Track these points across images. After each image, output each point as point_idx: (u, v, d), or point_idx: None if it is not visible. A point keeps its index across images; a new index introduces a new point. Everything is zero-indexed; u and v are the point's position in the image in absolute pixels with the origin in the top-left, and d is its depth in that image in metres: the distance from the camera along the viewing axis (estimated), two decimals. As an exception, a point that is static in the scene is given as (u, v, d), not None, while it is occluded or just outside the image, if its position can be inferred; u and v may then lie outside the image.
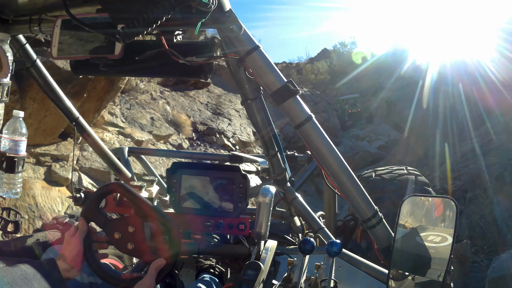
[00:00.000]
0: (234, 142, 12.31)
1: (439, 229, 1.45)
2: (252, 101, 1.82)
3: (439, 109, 14.70)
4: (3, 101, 1.66)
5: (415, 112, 16.17)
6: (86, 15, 1.33)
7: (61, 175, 6.19)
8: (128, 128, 8.85)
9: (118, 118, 8.93)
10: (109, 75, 7.43)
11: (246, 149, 12.35)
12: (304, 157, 2.90)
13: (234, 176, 1.73)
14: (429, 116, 14.74)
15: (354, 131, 19.43)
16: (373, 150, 16.27)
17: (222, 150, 11.31)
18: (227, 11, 1.26)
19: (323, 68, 31.75)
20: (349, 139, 18.27)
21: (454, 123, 12.63)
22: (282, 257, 1.65)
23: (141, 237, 1.26)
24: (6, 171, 1.69)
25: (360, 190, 1.48)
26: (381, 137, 17.87)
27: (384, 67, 23.80)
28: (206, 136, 11.94)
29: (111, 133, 8.18)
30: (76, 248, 1.26)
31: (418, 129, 14.61)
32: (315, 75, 31.05)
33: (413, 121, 15.71)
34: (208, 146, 11.51)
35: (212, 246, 1.70)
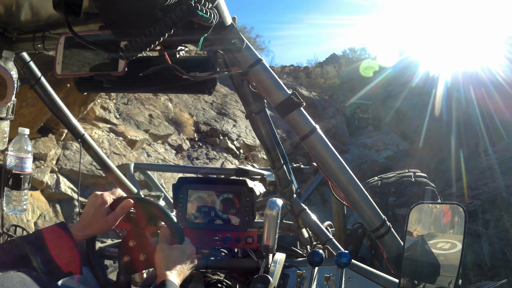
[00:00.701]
0: (238, 145, 11.85)
1: (448, 236, 1.44)
2: (256, 114, 1.82)
3: (452, 120, 14.35)
4: (8, 118, 1.67)
5: (427, 123, 15.91)
6: (89, 33, 1.33)
7: (35, 177, 5.44)
8: (121, 125, 8.09)
9: (112, 114, 8.19)
10: (113, 92, 7.42)
11: (250, 153, 12.01)
12: (310, 169, 2.89)
13: (240, 190, 1.73)
14: (441, 127, 14.44)
15: (362, 139, 19.32)
16: (381, 160, 16.21)
17: (225, 154, 10.99)
18: (228, 25, 1.26)
19: (332, 72, 31.75)
20: (357, 147, 18.17)
21: (469, 135, 12.14)
22: (291, 269, 1.64)
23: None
24: (12, 188, 1.70)
25: (367, 200, 1.47)
26: (389, 146, 17.77)
27: (394, 76, 23.70)
28: (209, 137, 11.47)
29: (101, 130, 7.43)
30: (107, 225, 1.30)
31: (429, 140, 14.32)
32: (324, 80, 31.07)
33: (425, 132, 15.44)
34: (211, 148, 11.04)
35: (220, 260, 1.69)
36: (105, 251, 1.69)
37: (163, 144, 9.49)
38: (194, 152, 10.38)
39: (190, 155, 10.15)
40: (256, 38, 32.91)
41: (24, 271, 1.03)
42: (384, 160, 16.18)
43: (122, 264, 1.32)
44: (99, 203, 1.31)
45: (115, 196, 1.36)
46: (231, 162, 10.83)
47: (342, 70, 32.38)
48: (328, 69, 32.40)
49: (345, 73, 31.31)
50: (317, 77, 31.39)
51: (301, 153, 12.92)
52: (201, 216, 1.75)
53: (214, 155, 10.61)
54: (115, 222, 1.31)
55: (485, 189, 6.95)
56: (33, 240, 1.21)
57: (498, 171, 7.59)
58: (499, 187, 6.79)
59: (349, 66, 32.53)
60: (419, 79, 20.67)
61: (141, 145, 8.21)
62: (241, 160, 11.39)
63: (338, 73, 31.82)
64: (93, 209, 1.30)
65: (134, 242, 1.31)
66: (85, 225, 1.30)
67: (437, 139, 13.83)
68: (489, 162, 8.64)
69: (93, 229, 1.30)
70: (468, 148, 11.09)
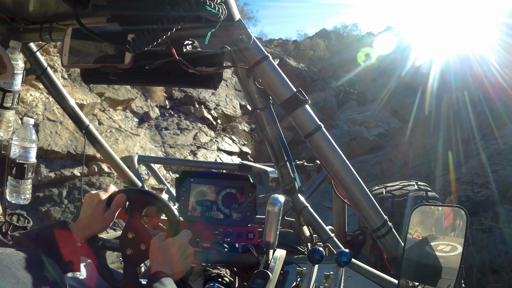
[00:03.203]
0: (216, 115, 10.88)
1: (449, 239, 1.44)
2: (261, 110, 1.82)
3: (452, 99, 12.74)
4: (13, 108, 1.68)
5: (420, 102, 14.54)
6: (97, 25, 1.34)
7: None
8: (68, 86, 6.98)
9: (58, 73, 7.00)
10: (119, 84, 7.22)
11: (230, 125, 11.18)
12: (314, 166, 2.89)
13: (243, 185, 1.73)
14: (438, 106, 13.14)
15: (352, 115, 18.62)
16: (371, 137, 15.42)
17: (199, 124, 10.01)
18: (236, 21, 1.26)
19: (322, 45, 30.20)
20: (346, 122, 17.43)
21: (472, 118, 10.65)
22: (290, 266, 1.64)
23: None
24: (16, 177, 1.71)
25: (370, 199, 1.47)
26: (380, 124, 17.04)
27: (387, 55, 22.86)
28: (183, 105, 10.41)
29: (40, 91, 6.11)
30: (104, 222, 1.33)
31: (424, 119, 13.20)
32: (313, 51, 29.41)
33: (419, 110, 14.19)
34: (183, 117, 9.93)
35: (221, 254, 1.70)
36: (106, 243, 1.69)
37: (123, 111, 8.33)
38: (163, 122, 9.36)
39: (159, 124, 9.19)
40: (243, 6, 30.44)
41: (25, 250, 1.03)
42: (374, 138, 15.45)
43: (126, 258, 1.34)
44: (95, 203, 1.34)
45: (109, 192, 1.38)
46: (205, 133, 9.94)
47: (332, 45, 30.85)
48: (317, 41, 30.80)
49: (335, 48, 30.03)
50: (306, 49, 29.68)
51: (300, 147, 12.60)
52: (203, 210, 1.75)
53: (187, 125, 9.66)
54: (113, 219, 1.35)
55: (494, 176, 6.23)
56: (34, 237, 1.22)
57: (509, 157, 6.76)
58: (510, 175, 6.11)
59: (339, 41, 31.38)
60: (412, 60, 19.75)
61: (91, 111, 7.05)
62: (218, 132, 10.53)
63: (328, 48, 30.38)
64: (90, 209, 1.33)
65: (133, 233, 1.34)
66: (84, 226, 1.32)
67: (432, 118, 12.79)
68: (496, 147, 7.68)
69: (93, 229, 1.33)
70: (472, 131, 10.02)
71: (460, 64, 14.10)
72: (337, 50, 29.61)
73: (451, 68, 14.41)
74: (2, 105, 1.62)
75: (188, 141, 9.23)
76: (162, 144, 8.59)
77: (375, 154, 13.99)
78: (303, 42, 31.50)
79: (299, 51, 28.90)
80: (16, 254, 0.99)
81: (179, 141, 9.02)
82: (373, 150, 14.37)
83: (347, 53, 26.30)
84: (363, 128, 16.49)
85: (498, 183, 5.96)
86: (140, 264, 1.36)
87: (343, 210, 2.65)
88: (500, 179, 6.05)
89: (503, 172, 6.27)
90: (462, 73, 13.25)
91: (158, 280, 1.13)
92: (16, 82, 1.64)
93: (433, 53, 16.68)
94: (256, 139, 11.71)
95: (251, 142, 11.48)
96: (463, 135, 9.87)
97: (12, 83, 1.62)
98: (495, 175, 6.24)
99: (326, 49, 30.02)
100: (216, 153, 9.46)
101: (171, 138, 8.97)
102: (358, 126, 16.76)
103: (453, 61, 14.75)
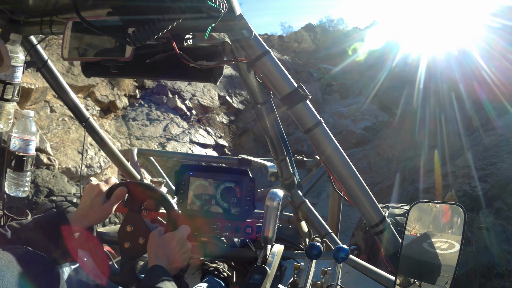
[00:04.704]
0: (191, 105, 10.48)
1: (446, 236, 1.44)
2: (262, 105, 1.83)
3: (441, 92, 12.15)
4: (14, 100, 1.68)
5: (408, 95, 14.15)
6: (97, 18, 1.33)
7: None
8: None
9: None
10: (119, 77, 7.06)
11: (206, 116, 10.85)
12: (313, 162, 2.90)
13: (242, 179, 1.74)
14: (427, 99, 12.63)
15: (338, 108, 18.36)
16: (358, 130, 15.23)
17: (171, 114, 9.60)
18: (237, 15, 1.26)
19: (307, 38, 29.70)
20: (332, 115, 17.18)
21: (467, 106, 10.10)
22: (288, 261, 1.65)
23: None
24: (15, 169, 1.71)
25: (368, 195, 1.47)
26: (367, 117, 16.81)
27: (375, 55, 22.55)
28: (155, 95, 9.96)
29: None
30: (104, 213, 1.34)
31: (412, 112, 12.87)
32: (298, 44, 28.84)
33: (407, 103, 13.88)
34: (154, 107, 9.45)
35: (219, 249, 1.70)
36: (104, 236, 1.70)
37: (84, 99, 7.88)
38: (132, 112, 8.95)
39: (126, 115, 8.79)
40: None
41: (23, 248, 1.03)
42: (361, 131, 15.31)
43: (124, 251, 1.34)
44: (95, 193, 1.35)
45: (110, 184, 1.39)
46: (177, 124, 9.52)
47: (317, 39, 30.33)
48: (303, 33, 30.32)
49: (321, 42, 29.56)
50: (291, 41, 29.17)
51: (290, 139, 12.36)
52: (201, 203, 1.76)
53: (158, 116, 9.32)
54: (111, 210, 1.35)
55: (493, 169, 5.88)
56: (31, 226, 1.23)
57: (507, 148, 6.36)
58: (510, 168, 5.77)
59: (325, 35, 30.95)
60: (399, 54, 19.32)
61: (42, 97, 6.52)
62: (192, 123, 10.15)
63: (314, 42, 29.87)
64: (89, 199, 1.34)
65: (132, 227, 1.34)
66: (83, 215, 1.33)
67: (419, 111, 12.34)
68: (491, 138, 7.28)
69: (91, 219, 1.34)
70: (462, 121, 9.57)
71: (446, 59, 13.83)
72: (323, 44, 29.18)
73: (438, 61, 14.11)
74: (2, 97, 1.62)
75: (158, 133, 8.84)
76: (128, 135, 8.26)
77: (362, 148, 13.87)
78: (288, 36, 31.04)
79: (283, 43, 28.37)
80: (15, 251, 0.99)
81: (147, 132, 8.63)
82: (359, 144, 14.22)
83: (333, 47, 25.96)
84: (349, 122, 16.30)
85: (497, 176, 5.67)
86: (138, 258, 1.36)
87: (339, 206, 2.67)
88: (499, 172, 5.77)
89: (502, 164, 5.98)
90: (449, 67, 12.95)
91: (155, 273, 1.14)
92: (17, 74, 1.64)
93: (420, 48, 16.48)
94: (234, 131, 11.32)
95: (228, 134, 11.14)
96: (453, 128, 9.53)
97: (13, 75, 1.62)
98: (493, 168, 5.95)
99: (311, 43, 29.54)
100: (188, 145, 9.12)
101: (139, 130, 8.60)
102: (344, 119, 16.56)
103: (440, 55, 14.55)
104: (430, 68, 14.10)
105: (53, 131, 6.42)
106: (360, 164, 11.81)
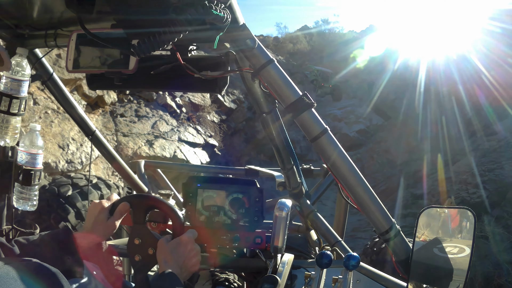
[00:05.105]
0: (181, 103, 10.28)
1: (456, 240, 1.43)
2: (267, 114, 1.82)
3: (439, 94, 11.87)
4: (20, 114, 1.68)
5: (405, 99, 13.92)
6: (101, 30, 1.34)
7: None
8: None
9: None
10: (124, 89, 6.98)
11: (196, 114, 10.69)
12: (320, 170, 2.89)
13: (250, 189, 1.73)
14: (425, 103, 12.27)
15: (332, 110, 18.13)
16: (351, 133, 15.12)
17: (160, 112, 9.40)
18: (241, 25, 1.26)
19: (303, 40, 29.45)
20: (325, 118, 16.89)
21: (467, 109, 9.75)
22: (299, 270, 1.63)
23: None
24: (23, 183, 1.71)
25: (377, 202, 1.46)
26: (361, 120, 16.66)
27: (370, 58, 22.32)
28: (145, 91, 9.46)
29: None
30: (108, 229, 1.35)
31: (409, 116, 12.62)
32: (293, 44, 28.56)
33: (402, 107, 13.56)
34: (143, 104, 9.20)
35: (228, 259, 1.69)
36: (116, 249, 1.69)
37: (71, 93, 7.01)
38: (120, 108, 8.68)
39: (115, 110, 8.48)
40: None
41: (32, 260, 1.03)
42: (355, 134, 15.17)
43: (135, 264, 1.35)
44: (98, 211, 1.37)
45: (112, 201, 1.42)
46: (166, 122, 9.26)
47: (313, 41, 30.09)
48: (298, 35, 30.25)
49: (316, 44, 29.23)
50: (286, 42, 28.94)
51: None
52: (210, 215, 1.75)
53: (146, 113, 9.07)
54: (116, 226, 1.37)
55: (491, 176, 5.62)
56: (38, 243, 1.23)
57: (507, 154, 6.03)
58: (509, 175, 5.52)
59: (321, 37, 30.75)
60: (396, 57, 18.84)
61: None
62: (182, 121, 9.91)
63: (309, 44, 29.61)
64: (93, 217, 1.37)
65: (140, 239, 1.35)
66: (88, 233, 1.34)
67: (416, 115, 12.00)
68: (491, 143, 7.02)
69: (96, 236, 1.34)
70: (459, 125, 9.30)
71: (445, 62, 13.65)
72: (318, 46, 28.96)
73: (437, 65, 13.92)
74: (9, 111, 1.62)
75: (146, 130, 8.67)
76: (115, 131, 8.06)
77: (356, 151, 13.76)
78: (284, 37, 30.96)
79: (278, 44, 28.17)
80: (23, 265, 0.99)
81: (135, 129, 8.45)
82: (353, 147, 14.09)
83: (329, 50, 25.88)
84: (343, 124, 16.15)
85: (496, 183, 5.47)
86: (150, 269, 1.36)
87: (345, 213, 2.66)
88: (498, 178, 5.58)
89: (501, 171, 5.75)
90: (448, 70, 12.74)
91: (165, 279, 1.15)
92: (23, 88, 1.64)
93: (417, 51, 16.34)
94: (225, 131, 11.11)
95: (219, 134, 10.97)
96: (452, 132, 9.30)
97: (19, 89, 1.63)
98: (491, 174, 5.72)
99: (307, 44, 29.36)
100: (177, 144, 8.94)
101: (126, 126, 8.39)
102: (338, 122, 16.40)
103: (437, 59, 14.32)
104: (429, 72, 13.96)
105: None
106: (354, 168, 11.52)
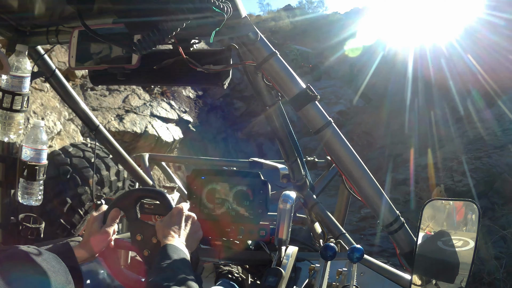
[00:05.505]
0: None
1: (460, 233, 1.42)
2: (270, 107, 1.82)
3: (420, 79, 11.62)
4: (23, 110, 1.69)
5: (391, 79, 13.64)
6: (103, 26, 1.33)
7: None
8: None
9: None
10: (127, 84, 6.96)
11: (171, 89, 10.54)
12: (324, 163, 2.89)
13: (254, 182, 1.73)
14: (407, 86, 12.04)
15: None
16: (331, 114, 14.57)
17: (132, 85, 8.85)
18: (242, 18, 1.25)
19: (285, 18, 28.28)
20: None
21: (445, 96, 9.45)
22: (303, 263, 1.64)
23: None
24: (27, 179, 1.72)
25: (381, 194, 1.45)
26: (342, 101, 16.45)
27: None
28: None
29: None
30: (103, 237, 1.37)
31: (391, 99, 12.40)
32: (275, 22, 27.46)
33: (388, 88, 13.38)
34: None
35: (233, 252, 1.70)
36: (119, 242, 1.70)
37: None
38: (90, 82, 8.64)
39: (85, 84, 8.29)
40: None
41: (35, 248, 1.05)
42: (335, 115, 14.85)
43: (146, 259, 1.36)
44: (91, 222, 1.40)
45: (101, 211, 1.45)
46: (139, 96, 9.08)
47: (296, 21, 28.58)
48: (281, 13, 29.10)
49: (299, 23, 27.97)
50: (268, 19, 27.93)
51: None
52: (214, 208, 1.76)
53: (118, 86, 8.81)
54: (110, 232, 1.39)
55: (478, 164, 5.37)
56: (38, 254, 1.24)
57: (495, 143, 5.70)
58: (497, 164, 5.27)
59: (303, 17, 29.48)
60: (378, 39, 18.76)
61: None
62: (155, 95, 9.74)
63: (292, 23, 28.13)
64: (88, 229, 1.40)
65: (141, 234, 1.37)
66: (85, 244, 1.37)
67: (401, 98, 11.78)
68: (477, 131, 6.75)
69: (94, 245, 1.37)
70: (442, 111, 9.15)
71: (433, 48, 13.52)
72: (301, 25, 27.96)
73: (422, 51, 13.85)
74: (11, 108, 1.63)
75: (116, 104, 8.52)
76: None
77: None
78: (266, 16, 30.20)
79: (260, 21, 27.22)
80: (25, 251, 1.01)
81: (105, 103, 8.30)
82: None
83: (311, 29, 25.46)
84: (323, 104, 16.00)
85: (482, 172, 5.21)
86: None
87: (346, 205, 2.68)
88: (485, 167, 5.32)
89: (488, 159, 5.50)
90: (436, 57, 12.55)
91: (165, 252, 1.18)
92: (25, 85, 1.65)
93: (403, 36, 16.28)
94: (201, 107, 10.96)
95: (194, 110, 10.83)
96: (437, 117, 9.08)
97: (21, 86, 1.63)
98: (478, 163, 5.47)
99: (289, 23, 28.08)
100: (148, 119, 8.81)
101: (96, 100, 8.25)
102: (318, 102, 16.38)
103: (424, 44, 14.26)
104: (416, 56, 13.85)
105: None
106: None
